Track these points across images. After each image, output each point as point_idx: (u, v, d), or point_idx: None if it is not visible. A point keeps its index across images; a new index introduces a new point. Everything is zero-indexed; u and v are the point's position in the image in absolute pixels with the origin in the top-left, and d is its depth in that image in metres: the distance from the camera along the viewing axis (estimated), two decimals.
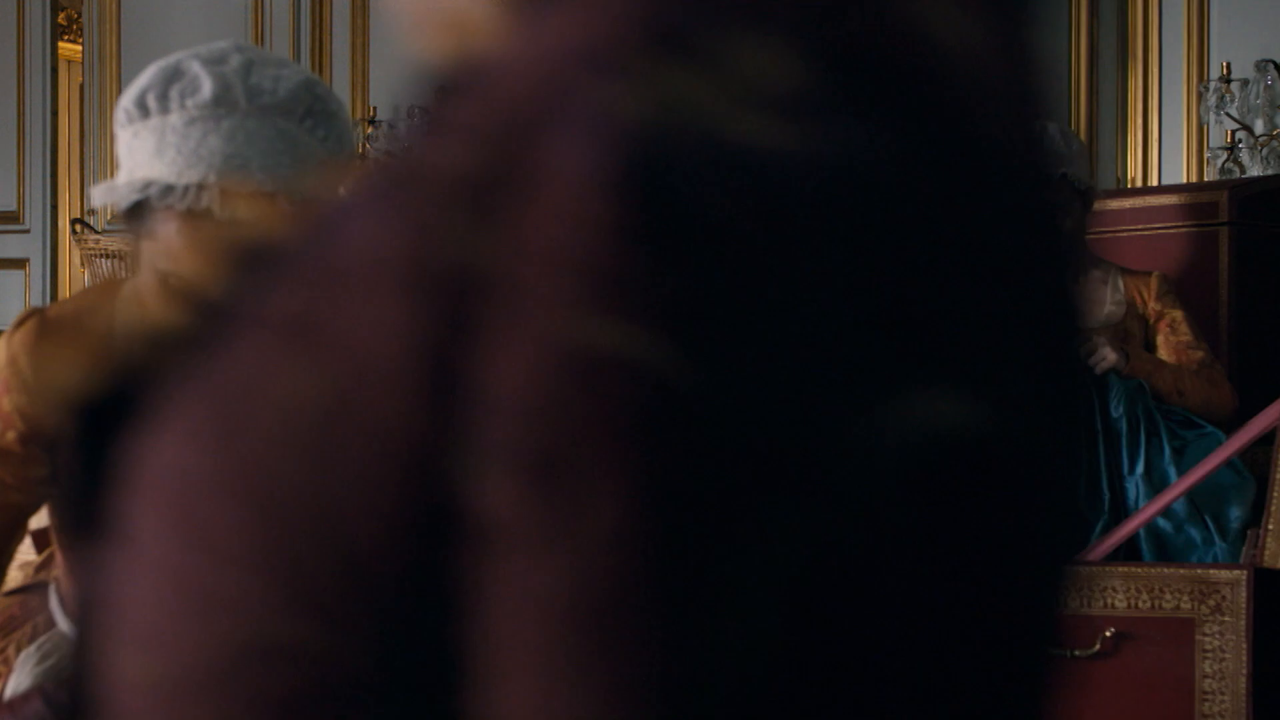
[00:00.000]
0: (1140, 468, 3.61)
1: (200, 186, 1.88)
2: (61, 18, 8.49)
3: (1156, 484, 3.59)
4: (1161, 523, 3.58)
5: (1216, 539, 3.54)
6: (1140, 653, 3.22)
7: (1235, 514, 3.57)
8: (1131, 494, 3.64)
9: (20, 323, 2.14)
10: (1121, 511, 3.64)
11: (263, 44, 7.98)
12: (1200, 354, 3.94)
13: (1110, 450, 3.66)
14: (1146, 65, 5.83)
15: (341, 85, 7.93)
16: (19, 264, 7.63)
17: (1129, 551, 3.59)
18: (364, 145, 7.81)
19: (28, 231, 7.79)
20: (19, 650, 2.38)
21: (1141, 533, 3.60)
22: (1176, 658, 3.20)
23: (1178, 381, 3.84)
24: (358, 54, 7.92)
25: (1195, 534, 3.55)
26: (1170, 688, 3.21)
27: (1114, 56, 5.79)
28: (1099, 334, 3.88)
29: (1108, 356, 3.68)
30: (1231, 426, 3.62)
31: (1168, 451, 3.62)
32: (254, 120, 1.91)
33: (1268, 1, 5.66)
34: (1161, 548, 3.58)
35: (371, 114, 7.83)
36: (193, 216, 1.91)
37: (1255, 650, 3.18)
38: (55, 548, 2.33)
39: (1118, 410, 3.65)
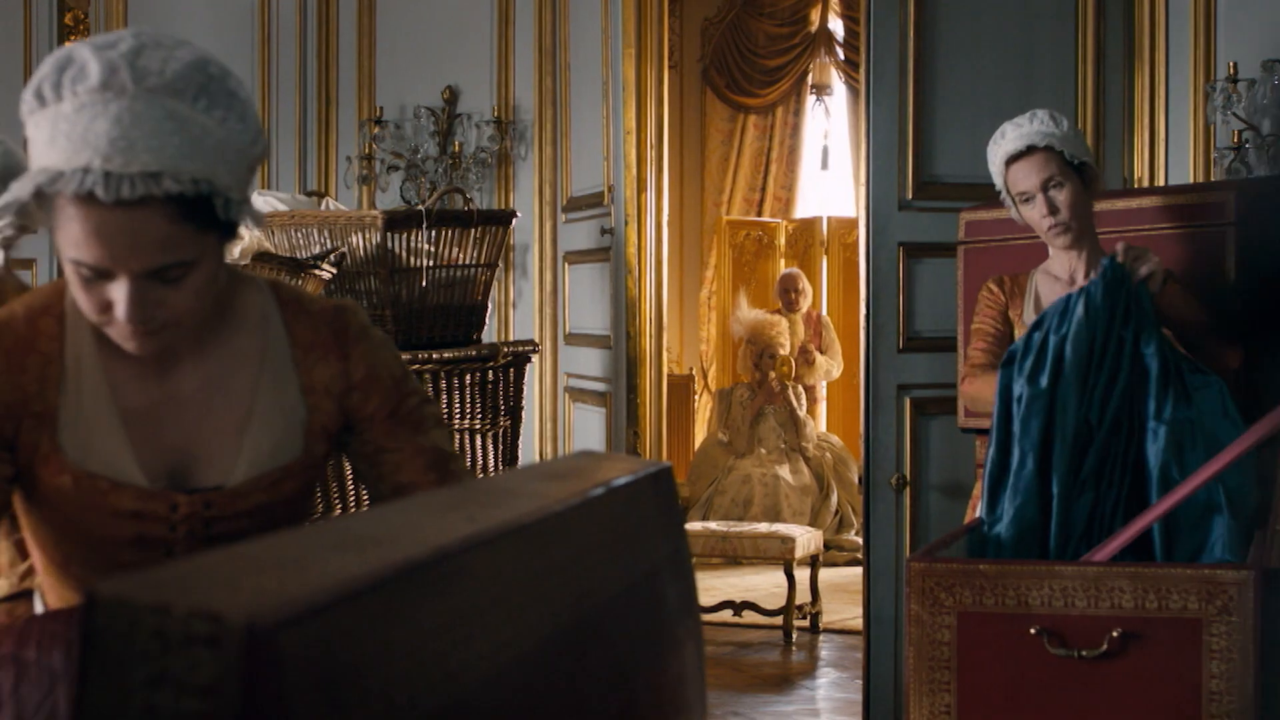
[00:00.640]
0: (1168, 412, 3.63)
1: (85, 170, 1.87)
2: (68, 18, 8.48)
3: (1176, 432, 3.60)
4: (1175, 474, 3.60)
5: (1225, 506, 3.54)
6: (1147, 653, 3.22)
7: (1241, 483, 3.59)
8: (1151, 447, 3.64)
9: None
10: (1140, 455, 3.65)
11: (269, 44, 7.99)
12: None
13: (1138, 387, 3.68)
14: (1153, 65, 5.83)
15: (348, 85, 7.94)
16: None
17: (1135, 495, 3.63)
18: (369, 144, 7.82)
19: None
20: None
21: (1155, 482, 3.61)
22: (1184, 658, 3.20)
23: (1204, 313, 3.92)
24: (364, 54, 7.92)
25: (1200, 492, 3.55)
26: (1177, 688, 3.21)
27: (1120, 56, 5.79)
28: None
29: (1151, 260, 3.73)
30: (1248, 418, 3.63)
31: (1190, 399, 3.65)
32: (141, 102, 1.90)
33: (1275, 1, 5.65)
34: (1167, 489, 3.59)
35: (378, 114, 7.83)
36: (82, 201, 1.91)
37: (1263, 651, 3.18)
38: (33, 554, 2.33)
39: (1149, 347, 3.68)
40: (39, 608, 2.43)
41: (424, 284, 5.51)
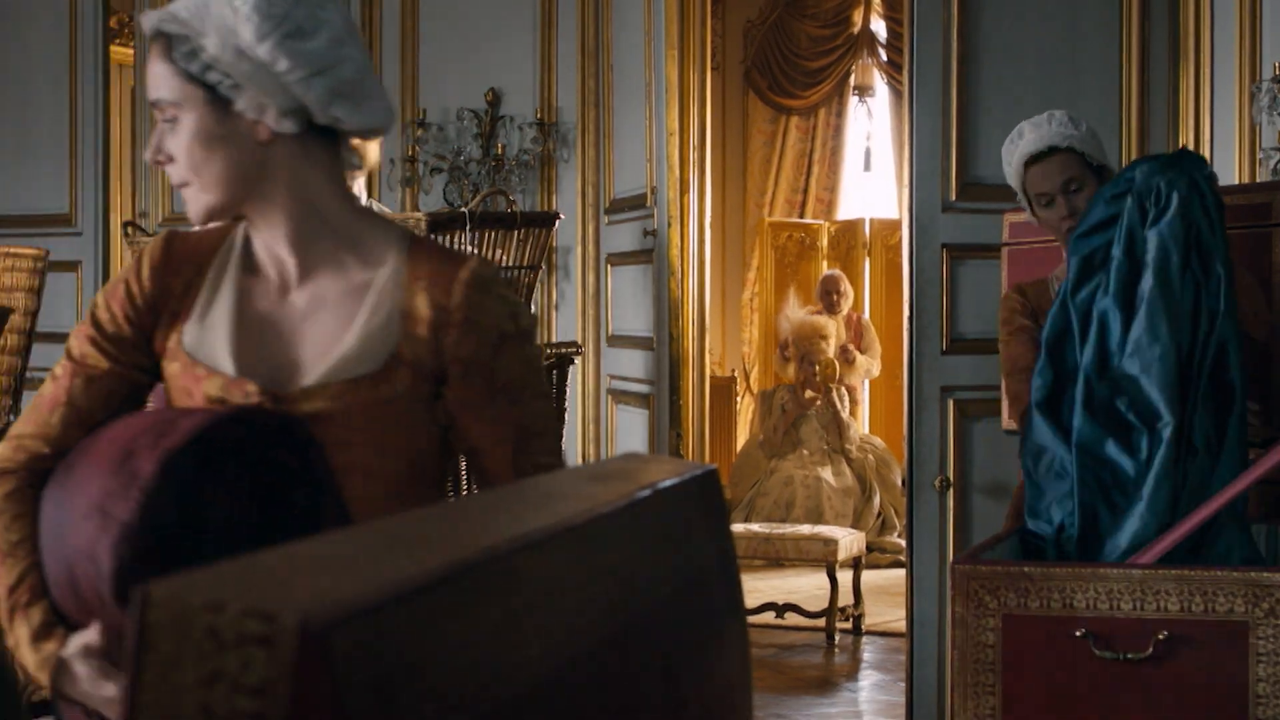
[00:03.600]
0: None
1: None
2: (113, 21, 8.54)
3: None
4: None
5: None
6: (1193, 656, 3.21)
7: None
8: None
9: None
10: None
11: None
12: None
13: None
14: (1198, 66, 5.80)
15: (391, 87, 7.96)
16: (71, 266, 7.67)
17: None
18: (412, 147, 7.84)
19: (80, 234, 7.84)
20: None
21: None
22: (1230, 661, 3.19)
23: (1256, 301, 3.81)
24: (407, 56, 7.94)
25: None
26: (1223, 691, 3.19)
27: (1165, 57, 5.76)
28: None
29: None
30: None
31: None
32: None
33: None
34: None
35: (421, 116, 7.85)
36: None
37: None
38: None
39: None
40: None
41: None
